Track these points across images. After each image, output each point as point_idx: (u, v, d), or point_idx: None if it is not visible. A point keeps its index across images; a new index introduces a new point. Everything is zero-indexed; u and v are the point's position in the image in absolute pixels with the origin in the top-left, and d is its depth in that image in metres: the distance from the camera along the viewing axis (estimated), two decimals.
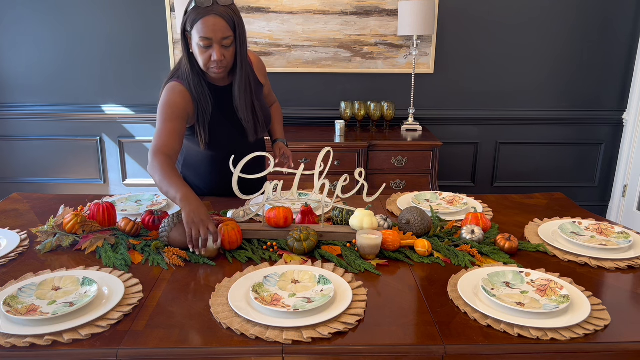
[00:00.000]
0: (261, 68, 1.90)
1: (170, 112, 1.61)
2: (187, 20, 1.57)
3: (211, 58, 1.58)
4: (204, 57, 1.58)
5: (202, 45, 1.56)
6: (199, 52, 1.59)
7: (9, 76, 3.38)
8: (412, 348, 1.04)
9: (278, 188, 1.54)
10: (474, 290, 1.22)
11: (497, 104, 3.44)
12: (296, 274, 1.28)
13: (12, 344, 1.01)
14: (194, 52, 1.62)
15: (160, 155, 1.53)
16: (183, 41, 1.62)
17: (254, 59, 1.86)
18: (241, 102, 1.70)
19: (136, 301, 1.18)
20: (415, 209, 1.57)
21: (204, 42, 1.55)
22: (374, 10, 3.24)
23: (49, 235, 1.50)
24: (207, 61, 1.59)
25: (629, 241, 1.48)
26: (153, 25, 3.27)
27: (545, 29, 3.28)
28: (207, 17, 1.52)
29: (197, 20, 1.53)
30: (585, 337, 1.06)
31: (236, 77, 1.68)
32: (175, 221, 1.43)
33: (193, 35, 1.57)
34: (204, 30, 1.53)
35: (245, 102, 1.71)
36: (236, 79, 1.68)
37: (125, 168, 3.57)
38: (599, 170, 3.58)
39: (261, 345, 1.03)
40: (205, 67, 1.61)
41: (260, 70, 1.89)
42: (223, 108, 1.73)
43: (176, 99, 1.63)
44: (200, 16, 1.53)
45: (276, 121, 2.05)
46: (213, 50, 1.56)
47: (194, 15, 1.54)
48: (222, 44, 1.56)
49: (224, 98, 1.73)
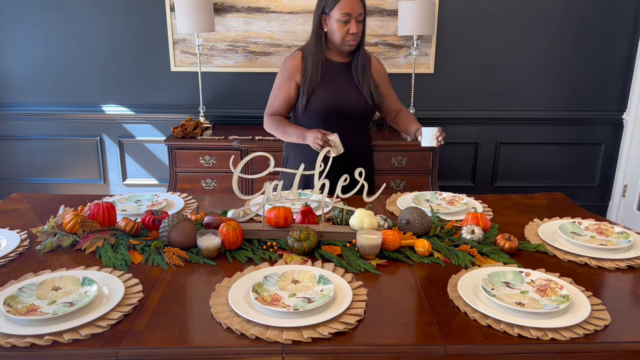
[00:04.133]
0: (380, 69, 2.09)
1: (281, 75, 2.02)
2: (326, 4, 1.91)
3: (349, 31, 1.89)
4: (342, 31, 1.90)
5: (342, 21, 1.88)
6: (337, 28, 1.90)
7: (9, 76, 3.38)
8: (412, 348, 1.04)
9: (278, 188, 1.54)
10: (474, 290, 1.22)
11: (497, 104, 3.44)
12: (296, 274, 1.28)
13: (12, 344, 1.01)
14: (329, 30, 1.93)
15: (269, 116, 2.06)
16: (317, 23, 1.95)
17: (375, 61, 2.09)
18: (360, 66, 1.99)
19: (136, 301, 1.18)
20: (415, 209, 1.57)
21: (344, 18, 1.87)
22: (374, 10, 3.24)
23: (49, 235, 1.50)
24: (345, 34, 1.90)
25: (629, 241, 1.48)
26: (153, 25, 3.27)
27: (545, 29, 3.28)
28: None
29: (340, 0, 1.87)
30: (585, 337, 1.06)
31: (361, 44, 1.98)
32: (175, 221, 1.43)
33: (332, 14, 1.89)
34: (346, 7, 1.87)
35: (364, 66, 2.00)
36: (360, 46, 1.98)
37: (125, 168, 3.57)
38: (599, 170, 3.58)
39: (261, 345, 1.03)
40: (342, 40, 1.92)
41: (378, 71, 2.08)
42: (330, 82, 1.97)
43: (289, 61, 2.01)
44: None
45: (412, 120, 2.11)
46: (351, 24, 1.89)
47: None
48: (358, 19, 1.89)
49: (335, 72, 1.99)
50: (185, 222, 1.45)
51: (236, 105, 3.42)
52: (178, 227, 1.43)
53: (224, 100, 3.42)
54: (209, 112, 3.36)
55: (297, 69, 1.98)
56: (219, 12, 3.22)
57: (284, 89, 2.01)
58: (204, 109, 3.28)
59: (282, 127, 2.01)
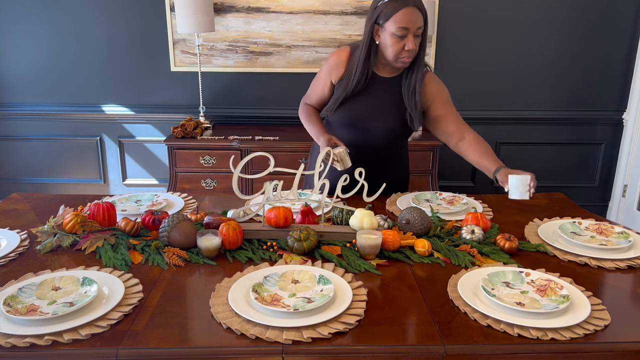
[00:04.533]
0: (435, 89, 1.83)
1: (323, 68, 1.87)
2: (380, 13, 1.66)
3: (404, 47, 1.66)
4: (397, 46, 1.67)
5: (397, 35, 1.65)
6: (391, 42, 1.67)
7: (9, 76, 3.38)
8: (412, 348, 1.04)
9: (278, 188, 1.54)
10: (474, 290, 1.22)
11: (497, 104, 3.44)
12: (296, 274, 1.28)
13: (12, 344, 1.01)
14: (382, 44, 1.71)
15: (304, 104, 1.97)
16: (368, 34, 1.72)
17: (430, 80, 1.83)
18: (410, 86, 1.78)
19: (136, 301, 1.18)
20: (415, 209, 1.57)
21: (400, 32, 1.64)
22: None
23: (49, 235, 1.50)
24: (399, 50, 1.67)
25: (629, 241, 1.48)
26: (153, 25, 3.27)
27: (545, 28, 3.28)
28: (407, 8, 1.63)
29: (397, 12, 1.63)
30: (585, 337, 1.06)
31: (417, 61, 1.75)
32: (175, 221, 1.43)
33: (387, 26, 1.65)
34: (403, 21, 1.62)
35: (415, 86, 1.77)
36: (416, 62, 1.75)
37: (125, 168, 3.57)
38: (599, 170, 3.58)
39: (261, 345, 1.03)
40: (395, 56, 1.69)
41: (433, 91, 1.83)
42: (366, 98, 1.81)
43: (334, 57, 1.83)
44: (399, 8, 1.63)
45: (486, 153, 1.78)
46: (407, 40, 1.65)
47: (391, 7, 1.64)
48: (416, 33, 1.66)
49: (377, 88, 1.81)
50: (185, 222, 1.45)
51: (236, 105, 3.43)
52: (178, 227, 1.43)
53: (224, 100, 3.42)
54: (209, 112, 3.36)
55: (337, 68, 1.82)
56: (219, 12, 3.22)
57: (319, 86, 1.89)
58: (204, 109, 3.28)
59: (308, 119, 1.91)
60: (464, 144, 1.81)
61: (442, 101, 1.84)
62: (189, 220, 1.48)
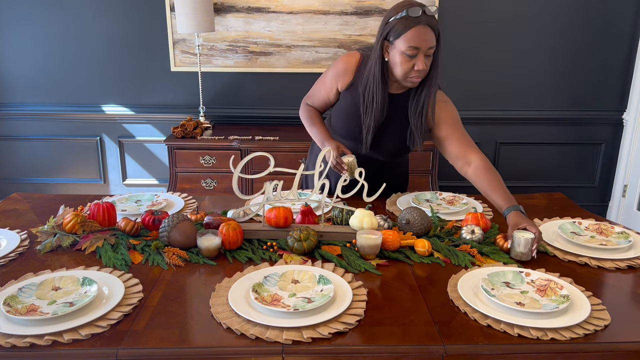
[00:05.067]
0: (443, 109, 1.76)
1: (330, 71, 1.80)
2: (390, 29, 1.58)
3: (414, 67, 1.59)
4: (406, 66, 1.59)
5: (407, 54, 1.57)
6: (401, 61, 1.59)
7: (9, 76, 3.38)
8: (412, 348, 1.04)
9: (278, 188, 1.54)
10: (474, 290, 1.22)
11: (497, 104, 3.44)
12: (296, 274, 1.28)
13: (12, 344, 1.02)
14: (391, 61, 1.63)
15: (305, 105, 1.93)
16: (379, 51, 1.63)
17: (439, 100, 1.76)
18: (418, 106, 1.71)
19: (136, 301, 1.18)
20: (415, 209, 1.57)
21: (410, 52, 1.56)
22: (373, 10, 3.23)
23: (49, 235, 1.50)
24: (408, 70, 1.60)
25: (629, 241, 1.48)
26: (153, 25, 3.27)
27: (545, 28, 3.28)
28: (418, 27, 1.54)
29: (407, 30, 1.54)
30: (585, 337, 1.06)
31: (428, 80, 1.68)
32: (175, 221, 1.43)
33: (397, 44, 1.57)
34: (414, 40, 1.55)
35: (422, 106, 1.71)
36: (427, 82, 1.68)
37: (125, 168, 3.57)
38: (599, 170, 3.58)
39: (261, 345, 1.03)
40: (404, 75, 1.62)
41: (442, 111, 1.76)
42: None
43: (342, 62, 1.77)
44: (410, 26, 1.54)
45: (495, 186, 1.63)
46: (417, 59, 1.58)
47: (402, 25, 1.55)
48: (427, 53, 1.58)
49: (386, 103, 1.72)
50: (185, 222, 1.45)
51: (236, 105, 3.42)
52: (178, 227, 1.43)
53: (224, 100, 3.42)
54: (209, 112, 3.36)
55: (345, 75, 1.75)
56: (219, 12, 3.22)
57: (324, 90, 1.84)
58: (204, 109, 3.28)
59: (311, 121, 1.87)
60: (470, 169, 1.70)
61: (448, 122, 1.75)
62: (189, 220, 1.48)
